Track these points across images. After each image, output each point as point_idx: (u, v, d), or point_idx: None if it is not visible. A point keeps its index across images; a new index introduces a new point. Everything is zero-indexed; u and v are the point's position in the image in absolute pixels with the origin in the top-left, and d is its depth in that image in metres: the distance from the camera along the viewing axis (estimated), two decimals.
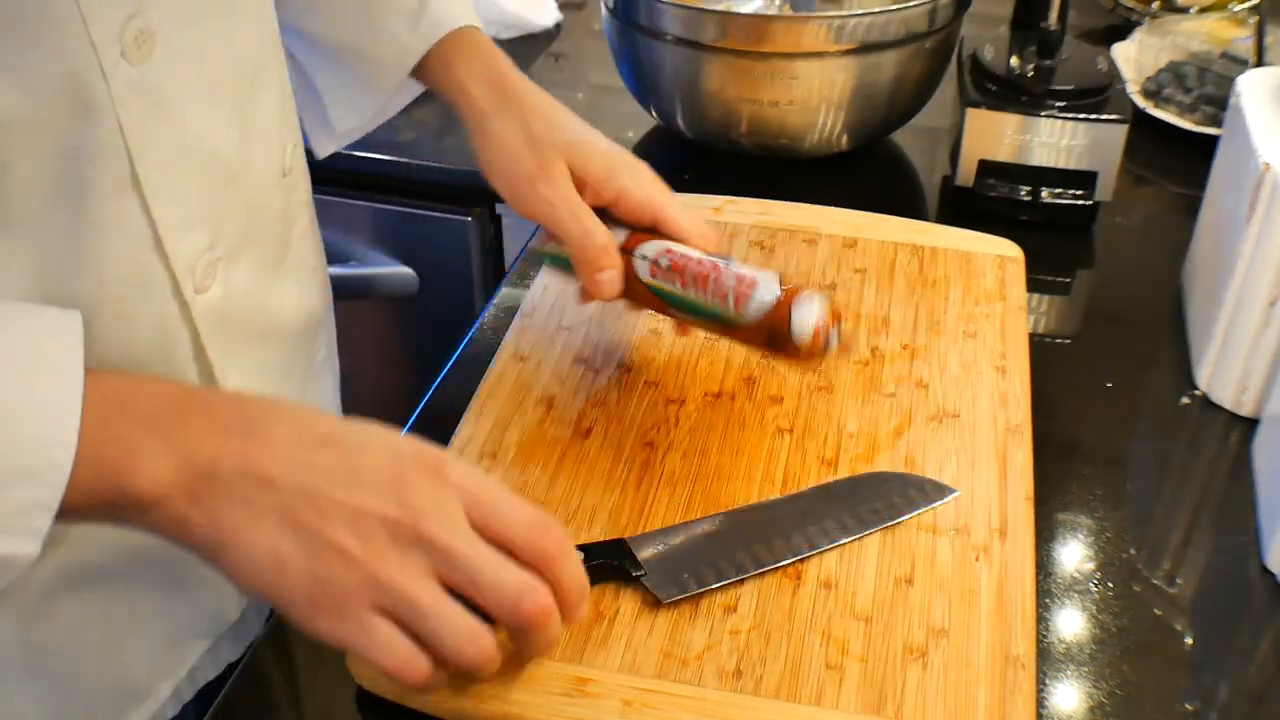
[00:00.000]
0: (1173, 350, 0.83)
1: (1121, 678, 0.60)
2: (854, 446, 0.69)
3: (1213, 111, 1.06)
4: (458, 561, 0.48)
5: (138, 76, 0.50)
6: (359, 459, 0.48)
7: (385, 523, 0.47)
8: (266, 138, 0.63)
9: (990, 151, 0.94)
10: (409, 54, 0.74)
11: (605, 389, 0.73)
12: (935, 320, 0.79)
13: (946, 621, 0.58)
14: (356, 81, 0.76)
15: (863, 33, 0.92)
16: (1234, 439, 0.75)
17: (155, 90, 0.52)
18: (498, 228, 1.14)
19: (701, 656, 0.57)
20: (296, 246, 0.69)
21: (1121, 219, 0.98)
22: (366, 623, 0.47)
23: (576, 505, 0.65)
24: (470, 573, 0.48)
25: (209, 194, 0.57)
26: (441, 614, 0.48)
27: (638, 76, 1.04)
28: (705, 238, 0.67)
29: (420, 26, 0.73)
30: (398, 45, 0.73)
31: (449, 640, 0.48)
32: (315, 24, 0.75)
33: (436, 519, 0.48)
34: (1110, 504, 0.70)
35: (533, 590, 0.49)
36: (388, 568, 0.47)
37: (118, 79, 0.50)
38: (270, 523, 0.47)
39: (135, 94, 0.51)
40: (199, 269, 0.57)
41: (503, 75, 0.72)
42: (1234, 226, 0.75)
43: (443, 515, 0.48)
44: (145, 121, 0.51)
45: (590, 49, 1.29)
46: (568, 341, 0.77)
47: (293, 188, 0.67)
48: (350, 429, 0.50)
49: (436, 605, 0.48)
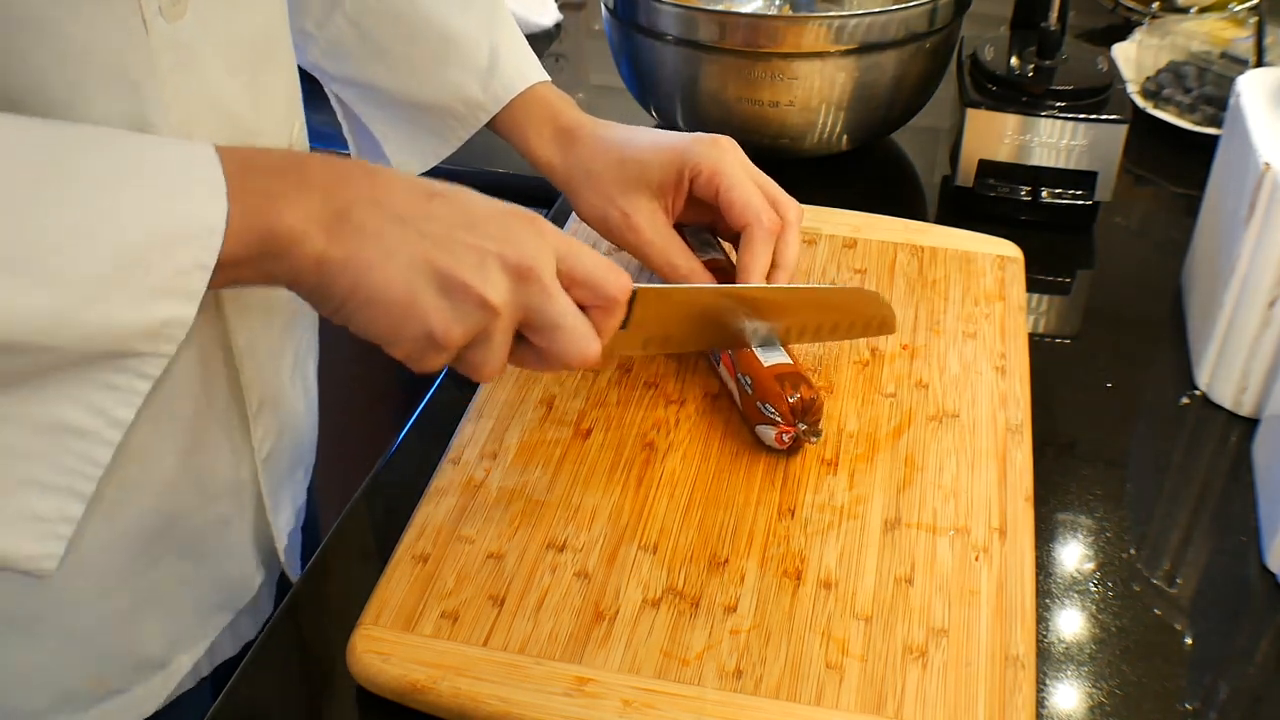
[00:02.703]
0: (1173, 350, 0.83)
1: (1121, 678, 0.60)
2: (854, 446, 0.69)
3: (1213, 111, 1.06)
4: (550, 302, 0.54)
5: (171, 33, 0.52)
6: (471, 209, 0.53)
7: (505, 263, 0.52)
8: (275, 115, 0.64)
9: (990, 151, 0.94)
10: (480, 112, 0.77)
11: (605, 390, 0.73)
12: (935, 320, 0.79)
13: (946, 621, 0.58)
14: (419, 130, 0.78)
15: (863, 33, 0.92)
16: (1234, 439, 0.75)
17: (185, 48, 0.53)
18: None
19: (701, 656, 0.57)
20: None
21: (1121, 219, 0.98)
22: (500, 346, 0.54)
23: (576, 506, 0.65)
24: (555, 315, 0.54)
25: None
26: (569, 316, 0.55)
27: (638, 76, 1.04)
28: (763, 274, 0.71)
29: (492, 86, 0.76)
30: (469, 104, 0.76)
31: (576, 340, 0.55)
32: (383, 75, 0.76)
33: (543, 264, 0.53)
34: (1110, 504, 0.70)
35: (592, 345, 0.56)
36: (513, 299, 0.53)
37: (155, 31, 0.51)
38: (404, 259, 0.50)
39: (168, 49, 0.52)
40: None
41: (569, 132, 0.76)
42: (1234, 226, 0.75)
43: (546, 261, 0.53)
44: (173, 78, 0.53)
45: (590, 49, 1.29)
46: None
47: None
48: (450, 187, 0.54)
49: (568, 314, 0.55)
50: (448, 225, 0.52)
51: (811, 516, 0.64)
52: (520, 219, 0.54)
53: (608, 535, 0.63)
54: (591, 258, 0.56)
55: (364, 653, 0.57)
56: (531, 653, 0.57)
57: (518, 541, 0.63)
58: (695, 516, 0.64)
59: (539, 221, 0.55)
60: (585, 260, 0.55)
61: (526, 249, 0.53)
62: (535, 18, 1.30)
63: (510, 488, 0.66)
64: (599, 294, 0.56)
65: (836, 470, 0.67)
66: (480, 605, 0.59)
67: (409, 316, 0.51)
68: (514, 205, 0.55)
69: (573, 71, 1.26)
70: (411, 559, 0.62)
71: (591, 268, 0.55)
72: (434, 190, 0.53)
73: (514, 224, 0.53)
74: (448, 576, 0.61)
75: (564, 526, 0.64)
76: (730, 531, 0.63)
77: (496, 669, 0.56)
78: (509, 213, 0.54)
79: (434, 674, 0.56)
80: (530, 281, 0.53)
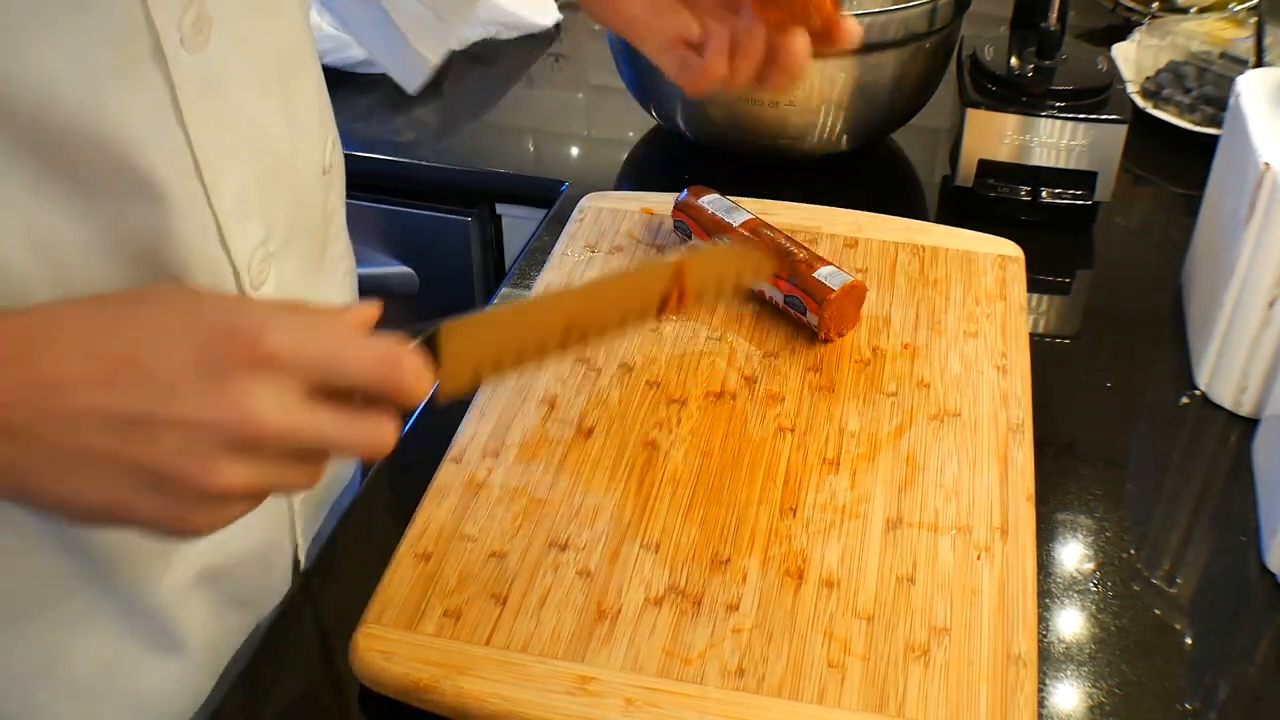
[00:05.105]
0: (1173, 350, 0.83)
1: (1121, 677, 0.60)
2: (855, 446, 0.69)
3: (1212, 111, 1.06)
4: (307, 439, 0.43)
5: (196, 64, 0.50)
6: (166, 363, 0.42)
7: (217, 434, 0.41)
8: (309, 132, 0.63)
9: (990, 151, 0.94)
10: None
11: (607, 389, 0.73)
12: (936, 320, 0.79)
13: (948, 620, 0.59)
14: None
15: (863, 33, 0.92)
16: (1234, 439, 0.76)
17: (213, 78, 0.52)
18: (498, 228, 1.14)
19: (704, 655, 0.57)
20: (332, 246, 0.69)
21: (1121, 219, 0.98)
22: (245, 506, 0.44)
23: (578, 505, 0.65)
24: (322, 446, 0.44)
25: (261, 185, 0.57)
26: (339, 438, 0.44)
27: (638, 76, 1.04)
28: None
29: None
30: None
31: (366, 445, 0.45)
32: None
33: (268, 412, 0.42)
34: (1110, 504, 0.70)
35: (386, 438, 0.45)
36: (240, 479, 0.42)
37: (178, 66, 0.49)
38: (93, 466, 0.41)
39: (194, 81, 0.50)
40: (254, 263, 0.57)
41: None
42: (1234, 226, 0.75)
43: (273, 404, 0.42)
44: (203, 109, 0.51)
45: (590, 49, 1.29)
46: None
47: (330, 185, 0.68)
48: (139, 323, 0.43)
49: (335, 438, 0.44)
50: (134, 400, 0.41)
51: (813, 515, 0.64)
52: (230, 359, 0.42)
53: (610, 534, 0.63)
54: (354, 359, 0.44)
55: (367, 651, 0.57)
56: (534, 651, 0.57)
57: (520, 540, 0.63)
58: (697, 515, 0.64)
59: (262, 342, 0.42)
60: (346, 369, 0.44)
61: (238, 407, 0.41)
62: (535, 18, 1.30)
63: (512, 486, 0.66)
64: (379, 390, 0.45)
65: (838, 469, 0.67)
66: (483, 604, 0.59)
67: (129, 519, 0.43)
68: (229, 323, 0.42)
69: (573, 71, 1.26)
70: (414, 558, 0.62)
71: (355, 374, 0.44)
72: (116, 343, 0.42)
73: (226, 369, 0.41)
74: (450, 575, 0.61)
75: (566, 525, 0.64)
76: (732, 530, 0.64)
77: (499, 668, 0.56)
78: (219, 354, 0.42)
79: (436, 673, 0.56)
80: (257, 441, 0.42)
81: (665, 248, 0.86)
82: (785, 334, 0.77)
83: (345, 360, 0.44)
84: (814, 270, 0.76)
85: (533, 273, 0.85)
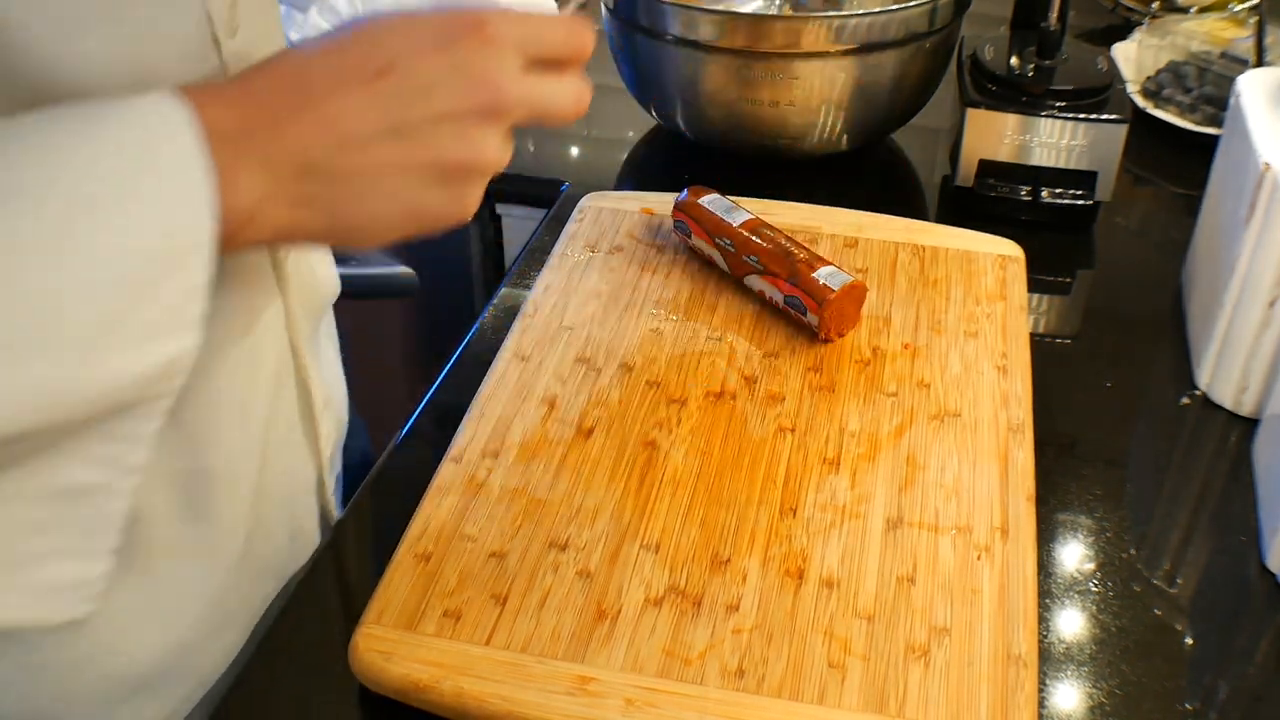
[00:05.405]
0: (1173, 350, 0.83)
1: (1121, 677, 0.60)
2: (855, 446, 0.69)
3: (1213, 111, 1.06)
4: (532, 102, 0.49)
5: (235, 48, 0.52)
6: (417, 66, 0.47)
7: (482, 112, 0.47)
8: None
9: (990, 151, 0.94)
10: None
11: (607, 389, 0.73)
12: (936, 320, 0.79)
13: (949, 620, 0.59)
14: None
15: (863, 33, 0.93)
16: (1234, 439, 0.75)
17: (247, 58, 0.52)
18: (498, 228, 1.14)
19: (704, 655, 0.57)
20: None
21: (1121, 219, 0.98)
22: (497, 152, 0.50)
23: (578, 505, 0.65)
24: (541, 108, 0.50)
25: None
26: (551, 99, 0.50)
27: (638, 76, 1.04)
28: None
29: None
30: None
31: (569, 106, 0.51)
32: None
33: (508, 86, 0.48)
34: (1110, 504, 0.70)
35: (585, 96, 0.52)
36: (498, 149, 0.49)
37: (226, 49, 0.51)
38: (385, 183, 0.47)
39: (235, 66, 0.51)
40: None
41: None
42: (1234, 226, 0.75)
43: (510, 79, 0.48)
44: None
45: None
46: (569, 341, 0.77)
47: None
48: (375, 37, 0.48)
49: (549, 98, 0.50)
50: (408, 106, 0.46)
51: (813, 516, 0.64)
52: (468, 42, 0.47)
53: (610, 534, 0.63)
54: (549, 30, 0.50)
55: (366, 652, 0.57)
56: (534, 652, 0.57)
57: (520, 540, 0.63)
58: (697, 515, 0.64)
59: (485, 28, 0.48)
60: (545, 38, 0.50)
61: (489, 81, 0.47)
62: None
63: (512, 486, 0.66)
64: (570, 56, 0.51)
65: (838, 469, 0.67)
66: (482, 604, 0.59)
67: (421, 221, 0.48)
68: (454, 19, 0.48)
69: None
70: (413, 558, 0.62)
71: (552, 42, 0.50)
72: (368, 63, 0.46)
73: (465, 57, 0.47)
74: (450, 575, 0.61)
75: (566, 525, 0.64)
76: (732, 530, 0.63)
77: (499, 668, 0.56)
78: (455, 44, 0.47)
79: (436, 673, 0.56)
80: (506, 109, 0.48)
81: (665, 248, 0.86)
82: (785, 334, 0.77)
83: (546, 31, 0.50)
84: (814, 270, 0.76)
85: (532, 273, 0.85)
